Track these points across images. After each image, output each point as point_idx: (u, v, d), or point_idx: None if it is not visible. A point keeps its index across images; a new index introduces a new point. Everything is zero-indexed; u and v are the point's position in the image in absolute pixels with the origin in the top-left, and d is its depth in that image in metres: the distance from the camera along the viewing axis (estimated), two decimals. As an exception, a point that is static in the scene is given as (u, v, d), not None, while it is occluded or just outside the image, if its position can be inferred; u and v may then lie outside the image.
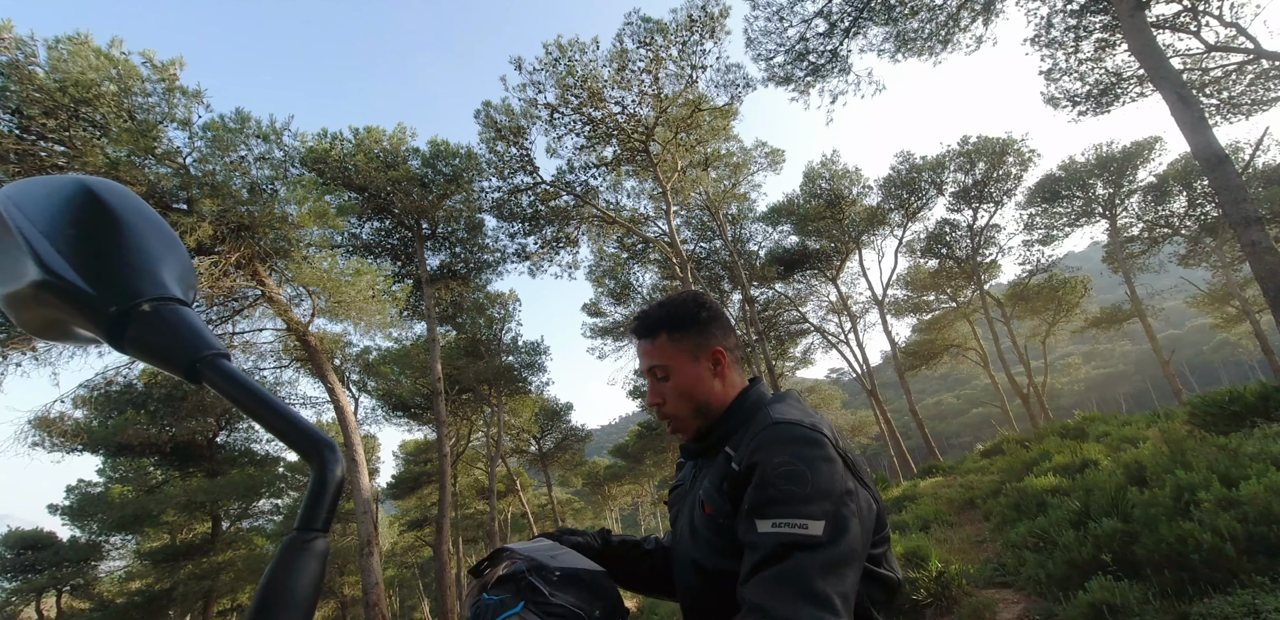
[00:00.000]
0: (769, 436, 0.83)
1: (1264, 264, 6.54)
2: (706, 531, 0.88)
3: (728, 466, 0.88)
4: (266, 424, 0.40)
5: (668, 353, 0.99)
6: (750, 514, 0.78)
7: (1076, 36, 11.47)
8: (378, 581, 9.68)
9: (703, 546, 0.89)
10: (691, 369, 0.98)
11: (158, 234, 0.46)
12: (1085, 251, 58.27)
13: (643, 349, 1.01)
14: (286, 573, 0.35)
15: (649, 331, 1.00)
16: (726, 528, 0.85)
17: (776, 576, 0.71)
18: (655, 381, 1.00)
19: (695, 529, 0.92)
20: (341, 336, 12.92)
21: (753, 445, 0.83)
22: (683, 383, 0.97)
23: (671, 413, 0.98)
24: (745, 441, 0.87)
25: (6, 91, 7.15)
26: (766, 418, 0.88)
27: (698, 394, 0.97)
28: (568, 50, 12.10)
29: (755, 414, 0.94)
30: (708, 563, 0.88)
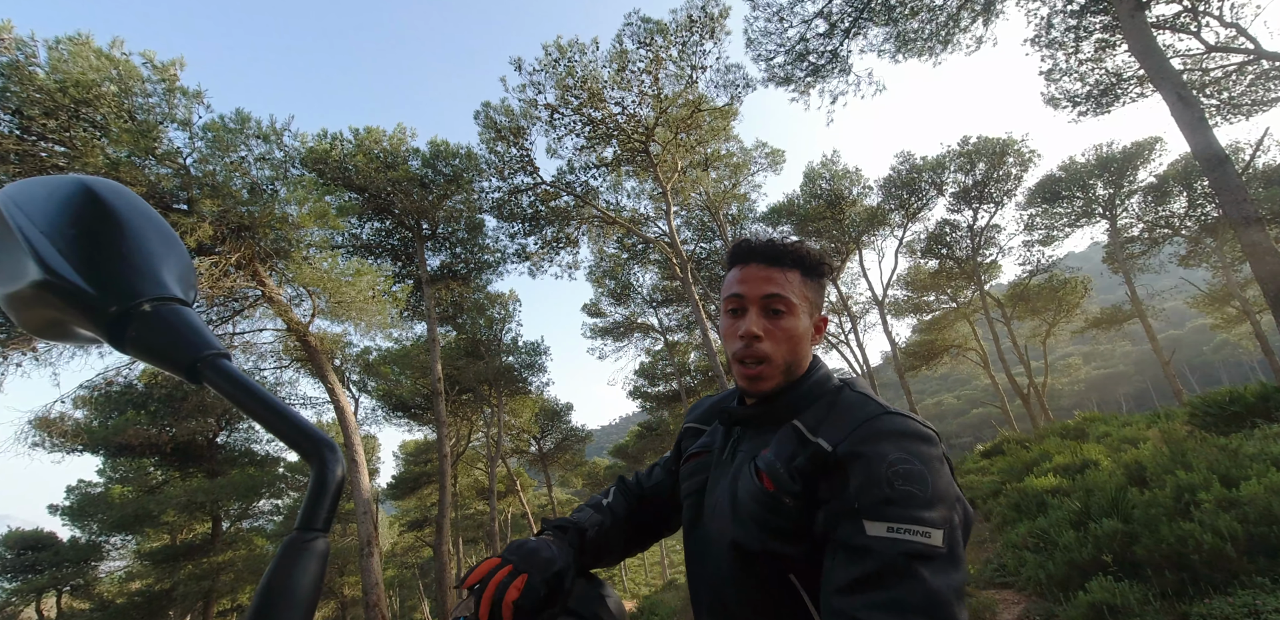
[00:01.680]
0: (882, 427, 0.74)
1: (1264, 264, 6.53)
2: (759, 508, 0.78)
3: (805, 443, 0.79)
4: (267, 424, 0.40)
5: (796, 290, 0.87)
6: (857, 514, 0.68)
7: (1076, 37, 11.47)
8: (378, 582, 9.68)
9: (747, 525, 0.79)
10: (805, 321, 0.88)
11: (158, 234, 0.46)
12: (1085, 252, 58.26)
13: (763, 274, 0.87)
14: (287, 573, 0.35)
15: (780, 260, 0.87)
16: (790, 508, 0.76)
17: (905, 597, 0.61)
18: (764, 313, 0.86)
19: (739, 504, 0.82)
20: (341, 337, 12.91)
21: (860, 433, 0.74)
22: (796, 328, 0.86)
23: (769, 353, 0.85)
24: (832, 423, 0.79)
25: (7, 92, 7.15)
26: (869, 404, 0.80)
27: (799, 348, 0.87)
28: (567, 51, 12.10)
29: (827, 391, 0.87)
30: (752, 543, 0.79)
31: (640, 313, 23.27)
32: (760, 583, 0.79)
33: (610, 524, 1.03)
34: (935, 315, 25.17)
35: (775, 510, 0.77)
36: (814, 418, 0.83)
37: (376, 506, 12.73)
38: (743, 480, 0.83)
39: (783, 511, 0.77)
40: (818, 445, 0.77)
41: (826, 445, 0.76)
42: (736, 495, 0.83)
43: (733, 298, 0.88)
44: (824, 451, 0.76)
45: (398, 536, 29.90)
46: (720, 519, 0.85)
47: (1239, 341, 37.10)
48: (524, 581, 0.77)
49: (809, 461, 0.76)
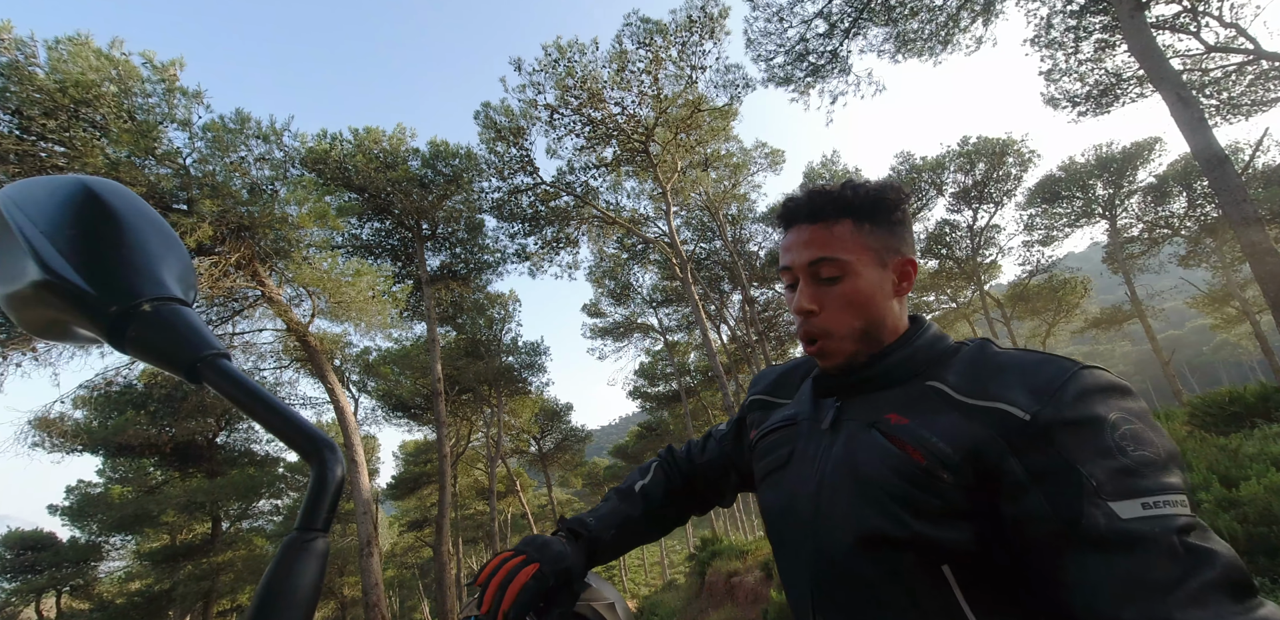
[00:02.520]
0: (1088, 384, 0.61)
1: (1264, 265, 6.54)
2: (904, 484, 0.65)
3: (963, 408, 0.66)
4: (266, 424, 0.40)
5: (848, 245, 0.74)
6: (1097, 494, 0.55)
7: (1076, 37, 11.48)
8: (377, 582, 9.67)
9: (885, 505, 0.66)
10: (874, 275, 0.75)
11: (158, 234, 0.46)
12: (1085, 252, 58.25)
13: (805, 236, 0.76)
14: (286, 573, 0.35)
15: (822, 213, 0.75)
16: (947, 486, 0.63)
17: (1212, 581, 0.50)
18: (814, 282, 0.75)
19: (868, 480, 0.68)
20: (341, 337, 12.94)
21: (1064, 394, 0.61)
22: (859, 290, 0.74)
23: (828, 327, 0.74)
24: (1003, 385, 0.65)
25: (7, 92, 7.16)
26: (1050, 358, 0.66)
27: (872, 310, 0.75)
28: (567, 51, 12.10)
29: (948, 349, 0.75)
30: (893, 528, 0.65)
31: (640, 313, 23.28)
32: (900, 577, 0.65)
33: (639, 514, 0.96)
34: (935, 315, 25.19)
35: (927, 487, 0.64)
36: (958, 378, 0.70)
37: (376, 507, 12.74)
38: (866, 452, 0.70)
39: (936, 489, 0.64)
40: (1002, 412, 0.62)
41: (1019, 411, 0.61)
42: (859, 470, 0.70)
43: (783, 272, 0.79)
44: (1016, 418, 0.61)
45: (398, 537, 29.91)
46: (835, 500, 0.71)
47: (1239, 341, 37.11)
48: (535, 569, 0.76)
49: (990, 430, 0.62)
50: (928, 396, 0.70)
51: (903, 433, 0.68)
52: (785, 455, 0.82)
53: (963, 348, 0.75)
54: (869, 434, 0.72)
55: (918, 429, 0.67)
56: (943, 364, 0.74)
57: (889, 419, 0.71)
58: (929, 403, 0.70)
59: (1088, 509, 0.55)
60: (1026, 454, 0.60)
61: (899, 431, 0.69)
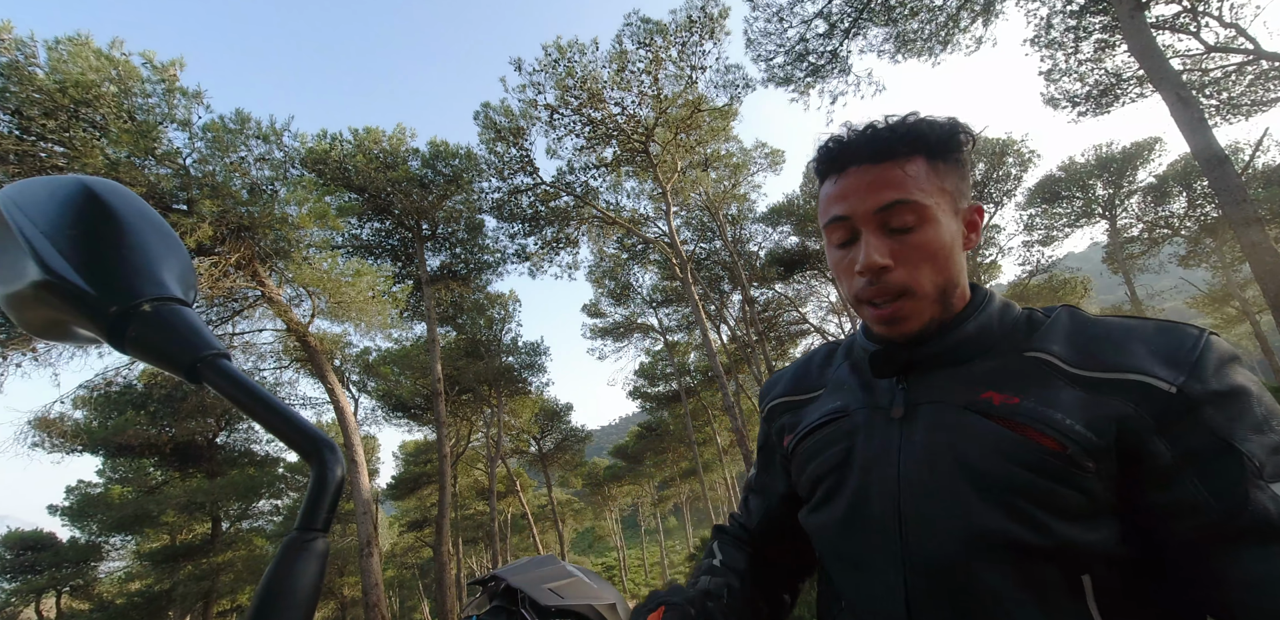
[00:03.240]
0: (1222, 353, 0.55)
1: (1264, 265, 6.54)
2: (1040, 480, 0.54)
3: (1088, 383, 0.57)
4: (266, 424, 0.40)
5: (925, 187, 0.62)
6: (1259, 474, 0.49)
7: (1076, 37, 11.48)
8: (377, 582, 9.67)
9: (1016, 507, 0.54)
10: (951, 224, 0.64)
11: (158, 234, 0.46)
12: (1085, 252, 58.26)
13: (869, 177, 0.63)
14: (286, 573, 0.35)
15: (891, 150, 0.62)
16: (1091, 476, 0.53)
17: None
18: (884, 232, 0.63)
19: (986, 476, 0.56)
20: (341, 337, 12.93)
21: (1205, 363, 0.53)
22: (940, 240, 0.62)
23: (908, 283, 0.62)
24: (1126, 353, 0.57)
25: (6, 92, 7.16)
26: (1170, 323, 0.59)
27: (951, 266, 0.63)
28: (567, 51, 12.10)
29: (1021, 317, 0.67)
30: (1027, 535, 0.53)
31: (640, 313, 23.28)
32: (1034, 591, 0.54)
33: (740, 585, 0.78)
34: (935, 315, 25.19)
35: (1067, 479, 0.53)
36: (1067, 348, 0.60)
37: (376, 507, 12.74)
38: (971, 441, 0.58)
39: (1078, 482, 0.53)
40: (1142, 384, 0.54)
41: (1162, 382, 0.53)
42: (968, 463, 0.57)
43: (836, 223, 0.64)
44: (1160, 391, 0.53)
45: (397, 537, 29.90)
46: (933, 502, 0.58)
47: (1239, 341, 37.09)
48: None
49: (1130, 406, 0.54)
50: (1033, 370, 0.60)
51: (1019, 414, 0.57)
52: (841, 454, 0.68)
53: (1038, 315, 0.67)
54: (968, 418, 0.59)
55: (1040, 409, 0.56)
56: (1029, 333, 0.64)
57: (989, 399, 0.59)
58: (1036, 377, 0.59)
59: (1253, 494, 0.48)
60: (1174, 432, 0.52)
61: (1013, 413, 0.57)
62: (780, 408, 0.83)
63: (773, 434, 0.85)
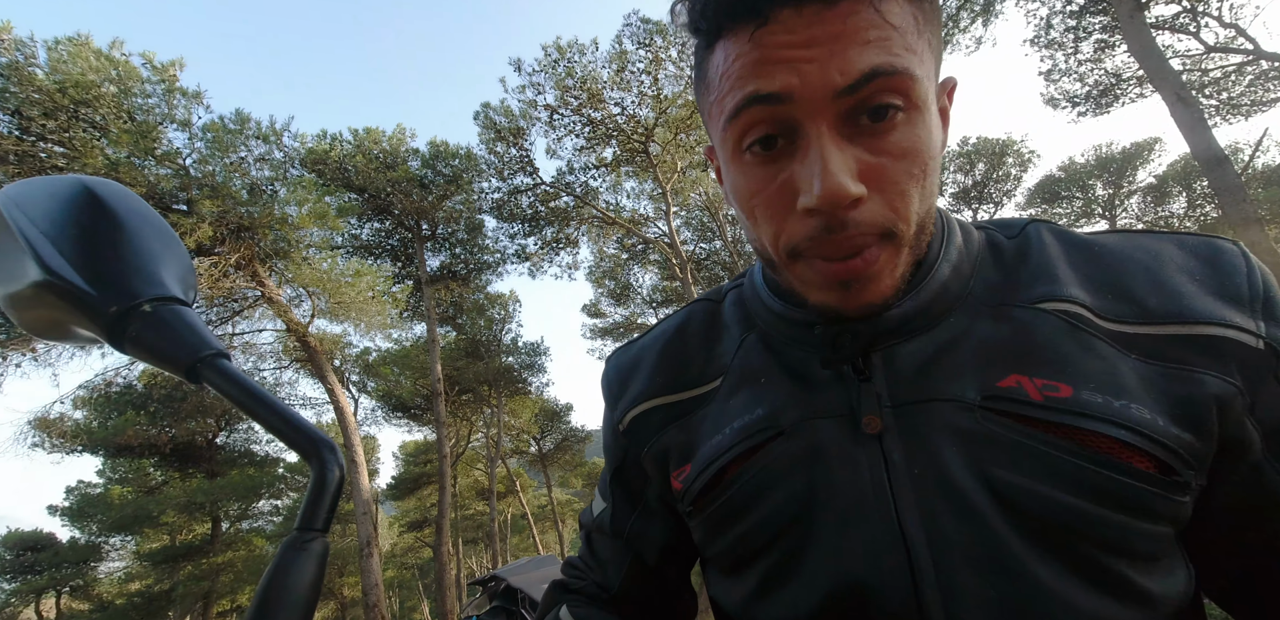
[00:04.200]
0: (1271, 276, 0.40)
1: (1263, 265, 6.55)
2: (1119, 519, 0.36)
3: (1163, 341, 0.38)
4: (266, 424, 0.40)
5: (913, 45, 0.36)
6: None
7: (1076, 37, 11.49)
8: (377, 582, 9.67)
9: (1095, 561, 0.36)
10: (935, 110, 0.39)
11: (158, 234, 0.46)
12: (1085, 252, 58.22)
13: (826, 25, 0.34)
14: (286, 573, 0.35)
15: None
16: (1189, 501, 0.37)
17: None
18: (849, 130, 0.36)
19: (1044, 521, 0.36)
20: (341, 337, 12.93)
21: (1275, 290, 0.39)
22: (932, 140, 0.38)
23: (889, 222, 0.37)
24: (1170, 290, 0.39)
25: (6, 93, 7.16)
26: (1210, 243, 0.41)
27: (937, 183, 0.39)
28: (566, 52, 12.11)
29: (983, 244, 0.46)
30: (1108, 605, 0.35)
31: (640, 313, 23.26)
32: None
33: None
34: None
35: (1157, 511, 0.36)
36: (1092, 293, 0.40)
37: (376, 507, 12.74)
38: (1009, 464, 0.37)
39: (1170, 511, 0.37)
40: (1228, 341, 0.37)
41: (1247, 335, 0.37)
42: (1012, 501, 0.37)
43: (754, 105, 0.36)
44: (1249, 348, 0.37)
45: (397, 537, 29.90)
46: (973, 571, 0.37)
47: (1238, 342, 37.06)
48: None
49: (1219, 375, 0.37)
50: (1062, 331, 0.39)
51: (1079, 414, 0.36)
52: (792, 506, 0.42)
53: (998, 237, 0.46)
54: (993, 425, 0.38)
55: (1110, 403, 0.36)
56: (1012, 269, 0.43)
57: (1017, 387, 0.38)
58: (1073, 344, 0.39)
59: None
60: (1262, 402, 0.37)
61: (1069, 413, 0.37)
62: (652, 418, 0.53)
63: (645, 462, 0.54)
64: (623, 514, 0.58)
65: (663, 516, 0.56)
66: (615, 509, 0.59)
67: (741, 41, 0.36)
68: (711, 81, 0.39)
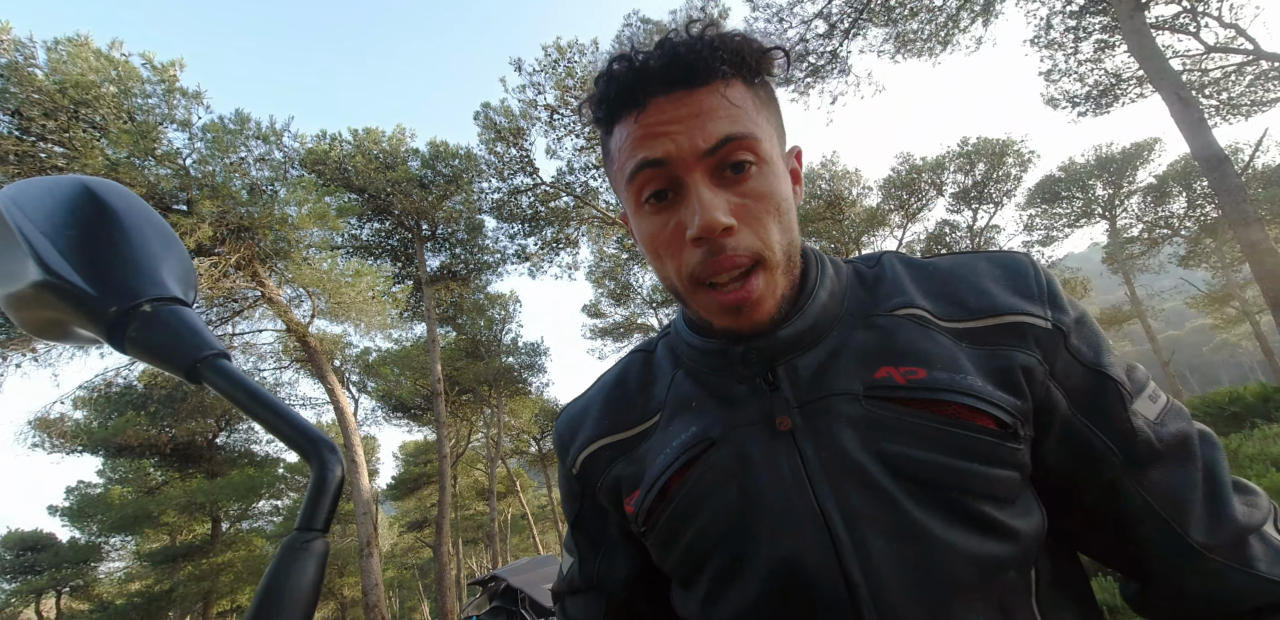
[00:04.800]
0: (1051, 275, 0.52)
1: (1264, 265, 6.54)
2: (982, 469, 0.45)
3: (981, 331, 0.50)
4: (266, 424, 0.40)
5: (754, 117, 0.48)
6: (1132, 398, 0.48)
7: (1076, 38, 11.49)
8: (377, 582, 9.67)
9: (970, 508, 0.44)
10: (783, 168, 0.51)
11: (158, 234, 0.46)
12: (1085, 252, 58.29)
13: (688, 108, 0.47)
14: (286, 573, 0.34)
15: (711, 69, 0.47)
16: (1022, 450, 0.47)
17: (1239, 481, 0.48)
18: (715, 179, 0.47)
19: (928, 479, 0.45)
20: (341, 337, 12.95)
21: (1053, 291, 0.51)
22: (782, 186, 0.50)
23: (758, 248, 0.47)
24: (982, 292, 0.51)
25: (6, 93, 7.16)
26: (1007, 255, 0.54)
27: (794, 221, 0.51)
28: (567, 51, 12.12)
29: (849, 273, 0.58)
30: (990, 544, 0.44)
31: (640, 313, 23.28)
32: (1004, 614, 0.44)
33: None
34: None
35: (1006, 459, 0.46)
36: (929, 300, 0.52)
37: (376, 507, 12.74)
38: (892, 438, 0.46)
39: (1015, 458, 0.46)
40: (1024, 324, 0.49)
41: (1038, 319, 0.49)
42: (900, 469, 0.45)
43: (648, 170, 0.47)
44: (1041, 328, 0.49)
45: (397, 537, 29.90)
46: (885, 534, 0.44)
47: (1238, 342, 37.15)
48: None
49: (1025, 351, 0.48)
50: (913, 331, 0.50)
51: (935, 390, 0.46)
52: (729, 505, 0.49)
53: (863, 267, 0.59)
54: (878, 409, 0.47)
55: (956, 378, 0.47)
56: (872, 290, 0.55)
57: (888, 377, 0.48)
58: (923, 340, 0.49)
59: (1135, 422, 0.48)
60: (1060, 371, 0.49)
61: (927, 390, 0.47)
62: (601, 456, 0.59)
63: (601, 497, 0.60)
64: (589, 559, 0.64)
65: (625, 549, 0.62)
66: (581, 558, 0.65)
67: (629, 123, 0.48)
68: (614, 156, 0.51)
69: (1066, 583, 0.49)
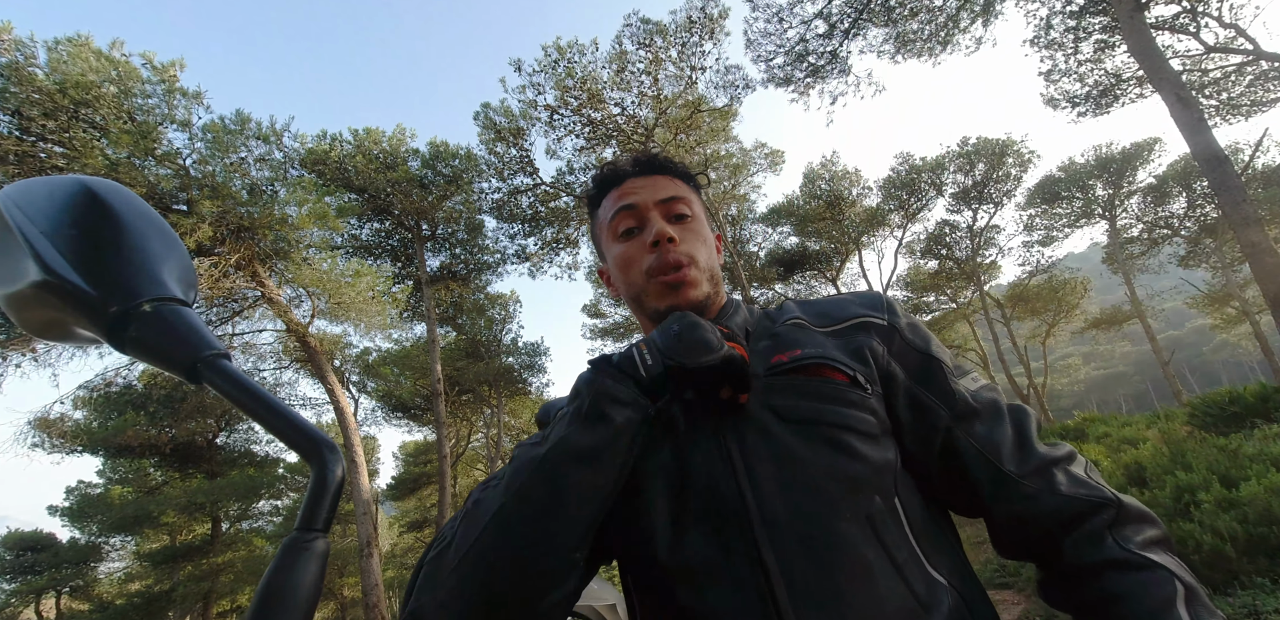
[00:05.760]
0: (896, 301, 0.75)
1: (1264, 265, 6.54)
2: (842, 410, 0.63)
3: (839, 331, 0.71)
4: (266, 424, 0.40)
5: (688, 196, 0.78)
6: (953, 373, 0.68)
7: (1076, 38, 11.49)
8: (377, 583, 9.67)
9: (837, 439, 0.61)
10: (707, 226, 0.79)
11: (158, 234, 0.46)
12: (1085, 252, 58.29)
13: (650, 181, 0.77)
14: (286, 573, 0.35)
15: (665, 168, 0.79)
16: (875, 401, 0.65)
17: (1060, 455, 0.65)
18: (667, 216, 0.75)
19: (811, 423, 0.62)
20: (341, 338, 12.95)
21: (892, 303, 0.74)
22: (708, 233, 0.78)
23: (691, 253, 0.73)
24: (843, 307, 0.74)
25: (7, 93, 7.16)
26: (864, 291, 0.79)
27: (714, 257, 0.78)
28: (566, 52, 12.11)
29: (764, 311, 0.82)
30: (851, 464, 0.60)
31: (640, 313, 23.26)
32: (873, 529, 0.58)
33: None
34: (935, 316, 25.19)
35: (861, 404, 0.63)
36: (807, 316, 0.74)
37: (376, 507, 12.74)
38: (780, 397, 0.64)
39: (868, 404, 0.64)
40: (867, 321, 0.71)
41: (877, 318, 0.71)
42: (785, 417, 0.63)
43: (624, 213, 0.74)
44: (878, 323, 0.71)
45: (397, 537, 29.87)
46: (769, 466, 0.60)
47: (1238, 342, 37.13)
48: None
49: (867, 338, 0.69)
50: (795, 331, 0.71)
51: (805, 359, 0.66)
52: (673, 447, 0.66)
53: (771, 309, 0.82)
54: (775, 380, 0.66)
55: (818, 352, 0.67)
56: (775, 319, 0.77)
57: (780, 361, 0.67)
58: (801, 335, 0.71)
59: (957, 388, 0.67)
60: (895, 351, 0.70)
61: (801, 361, 0.66)
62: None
63: None
64: None
65: None
66: None
67: (613, 193, 0.78)
68: (602, 216, 0.79)
69: (940, 531, 0.64)
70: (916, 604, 0.55)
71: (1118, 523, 0.59)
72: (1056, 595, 0.62)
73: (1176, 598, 0.53)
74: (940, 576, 0.58)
